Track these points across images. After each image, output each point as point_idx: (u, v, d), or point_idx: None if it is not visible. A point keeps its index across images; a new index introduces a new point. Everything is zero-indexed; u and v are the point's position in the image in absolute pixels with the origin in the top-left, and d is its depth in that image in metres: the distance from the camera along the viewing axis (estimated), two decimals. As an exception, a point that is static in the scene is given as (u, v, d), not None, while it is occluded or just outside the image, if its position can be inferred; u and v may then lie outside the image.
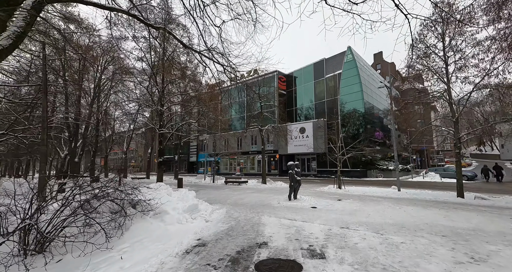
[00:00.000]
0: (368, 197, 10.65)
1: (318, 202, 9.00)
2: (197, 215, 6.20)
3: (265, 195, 11.80)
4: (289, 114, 35.88)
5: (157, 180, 15.98)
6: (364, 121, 28.28)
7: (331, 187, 14.17)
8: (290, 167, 9.71)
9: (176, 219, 5.52)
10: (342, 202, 9.13)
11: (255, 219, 6.38)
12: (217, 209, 7.57)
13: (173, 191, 7.71)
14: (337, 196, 11.19)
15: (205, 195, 11.78)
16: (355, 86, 28.99)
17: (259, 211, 7.45)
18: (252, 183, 17.91)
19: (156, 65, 16.88)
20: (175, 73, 16.31)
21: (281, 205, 8.62)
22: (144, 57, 16.10)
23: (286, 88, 37.56)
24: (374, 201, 9.43)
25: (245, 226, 5.62)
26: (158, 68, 16.53)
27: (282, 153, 32.34)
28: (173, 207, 5.98)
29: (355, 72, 29.56)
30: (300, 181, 10.03)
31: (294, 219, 6.28)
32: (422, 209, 7.67)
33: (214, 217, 6.45)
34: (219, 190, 14.51)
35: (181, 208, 5.98)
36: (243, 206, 8.46)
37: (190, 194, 7.15)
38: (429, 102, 12.90)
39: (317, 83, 33.94)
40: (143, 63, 16.78)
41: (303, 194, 11.19)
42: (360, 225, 5.64)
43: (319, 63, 33.98)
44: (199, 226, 5.47)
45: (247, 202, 9.54)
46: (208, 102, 16.99)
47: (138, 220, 5.34)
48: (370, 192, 12.42)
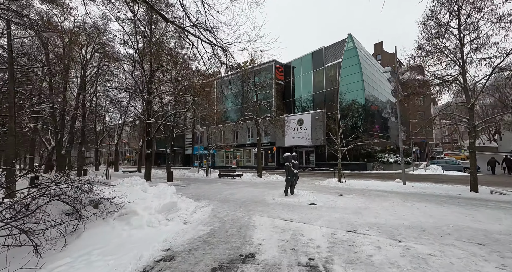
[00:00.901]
0: (372, 192, 9.71)
1: (317, 198, 8.03)
2: (175, 216, 5.19)
3: (259, 189, 10.83)
4: (287, 105, 34.72)
5: (145, 174, 14.93)
6: (364, 112, 27.25)
7: (331, 180, 13.24)
8: (287, 159, 8.69)
9: (146, 221, 4.50)
10: (345, 198, 8.18)
11: (244, 219, 5.38)
12: (202, 207, 6.57)
13: (149, 186, 6.66)
14: (338, 190, 10.25)
15: (193, 190, 10.78)
16: (356, 76, 27.80)
17: (251, 209, 6.46)
18: (247, 176, 16.95)
19: (143, 50, 15.56)
20: (163, 58, 15.00)
21: (276, 202, 7.65)
22: (129, 40, 14.73)
23: (284, 78, 36.26)
24: (380, 197, 8.49)
25: (230, 229, 4.62)
26: (144, 53, 15.22)
27: (280, 145, 31.37)
28: (145, 206, 4.95)
29: (355, 60, 28.30)
30: (298, 175, 9.04)
31: (290, 220, 5.29)
32: (437, 206, 6.72)
33: (196, 217, 5.44)
34: (211, 184, 13.53)
35: (155, 208, 4.95)
36: (233, 203, 7.47)
37: (169, 190, 6.12)
38: (433, 93, 11.82)
39: (316, 73, 32.68)
40: (129, 48, 15.41)
41: (301, 189, 10.23)
42: (370, 227, 4.66)
43: (318, 52, 32.63)
44: (174, 230, 4.46)
45: (239, 198, 8.56)
46: (199, 90, 15.78)
47: (98, 223, 4.31)
48: (373, 186, 11.50)
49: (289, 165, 8.58)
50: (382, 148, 30.01)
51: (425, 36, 10.44)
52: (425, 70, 11.16)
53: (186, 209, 5.68)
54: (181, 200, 6.12)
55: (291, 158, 8.73)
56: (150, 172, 15.01)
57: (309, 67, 33.36)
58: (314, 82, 32.78)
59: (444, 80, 9.88)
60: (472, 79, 9.63)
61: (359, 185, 11.86)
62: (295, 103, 34.73)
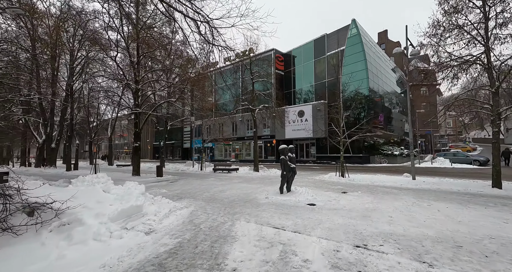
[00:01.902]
0: (379, 189, 8.63)
1: (317, 197, 6.97)
2: (138, 223, 4.14)
3: (253, 185, 9.79)
4: (287, 96, 33.39)
5: (133, 168, 13.94)
6: (368, 103, 25.93)
7: (333, 175, 12.17)
8: (282, 152, 7.59)
9: (93, 233, 3.45)
10: (349, 196, 7.11)
11: (225, 226, 4.33)
12: (180, 209, 5.53)
13: (114, 186, 5.58)
14: (341, 186, 9.18)
15: (180, 186, 9.77)
16: (360, 64, 26.33)
17: (237, 212, 5.41)
18: (244, 171, 15.94)
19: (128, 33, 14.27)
20: (151, 42, 13.71)
21: (269, 201, 6.59)
22: (113, 23, 13.40)
23: (284, 68, 34.75)
24: (389, 194, 7.41)
25: (202, 243, 3.56)
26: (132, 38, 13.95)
27: (279, 138, 30.24)
28: (97, 212, 3.89)
29: (359, 48, 26.77)
30: (295, 169, 7.96)
31: (282, 227, 4.23)
32: (461, 207, 5.63)
33: (166, 224, 4.39)
34: (202, 179, 12.52)
35: (109, 214, 3.89)
36: (220, 203, 6.43)
37: (137, 189, 5.06)
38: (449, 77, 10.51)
39: (317, 62, 31.17)
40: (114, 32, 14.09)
41: (299, 185, 9.18)
42: (384, 239, 3.59)
43: (320, 40, 31.02)
44: (128, 245, 3.41)
45: (228, 196, 7.52)
46: (193, 79, 14.56)
47: (25, 237, 3.26)
48: (379, 181, 10.42)
49: (285, 159, 7.49)
50: (385, 141, 28.85)
51: (442, 11, 9.14)
52: (439, 52, 9.87)
53: (156, 214, 4.63)
54: (150, 203, 5.05)
55: (287, 151, 7.63)
56: (139, 166, 13.99)
57: (311, 56, 31.82)
58: (315, 72, 31.32)
59: (463, 61, 8.61)
60: (496, 59, 8.38)
61: (363, 180, 10.79)
62: (296, 94, 33.38)
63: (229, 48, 8.76)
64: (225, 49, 8.90)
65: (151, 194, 7.94)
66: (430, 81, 12.19)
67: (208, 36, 8.30)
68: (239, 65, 17.78)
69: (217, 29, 7.93)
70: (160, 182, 11.39)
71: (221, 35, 8.30)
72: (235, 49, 8.95)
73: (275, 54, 33.57)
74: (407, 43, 11.42)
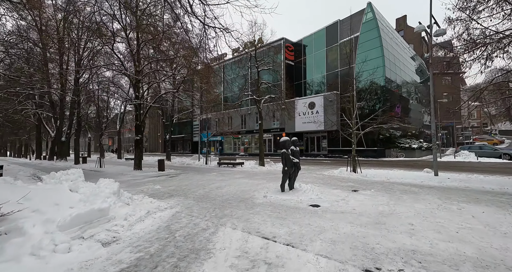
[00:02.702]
0: (396, 186, 7.58)
1: (323, 196, 6.07)
2: (101, 230, 3.46)
3: (255, 181, 9.02)
4: (297, 87, 32.07)
5: (134, 162, 13.55)
6: (384, 93, 24.24)
7: (344, 170, 11.14)
8: (284, 145, 6.69)
9: (32, 246, 2.79)
10: (360, 196, 6.15)
11: (205, 235, 3.58)
12: (162, 210, 4.84)
13: (85, 184, 4.94)
14: (352, 183, 8.20)
15: (177, 182, 9.15)
16: (376, 51, 24.53)
17: (226, 214, 4.65)
18: (249, 165, 15.18)
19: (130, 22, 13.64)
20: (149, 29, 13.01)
21: (267, 201, 5.78)
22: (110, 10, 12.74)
23: (294, 58, 33.30)
24: (408, 193, 6.38)
25: (167, 259, 2.82)
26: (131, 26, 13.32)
27: (289, 131, 29.18)
28: (47, 218, 3.24)
29: (375, 33, 24.90)
30: (299, 164, 7.06)
31: (273, 238, 3.41)
32: (503, 212, 4.55)
33: (136, 230, 3.69)
34: (204, 174, 11.89)
35: (60, 221, 3.22)
36: (211, 202, 5.70)
37: (108, 188, 4.38)
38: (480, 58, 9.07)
39: (329, 51, 29.52)
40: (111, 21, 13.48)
41: (305, 181, 8.31)
42: (405, 261, 2.68)
43: (333, 27, 29.26)
44: (72, 262, 2.72)
45: (223, 193, 6.78)
46: (193, 68, 13.79)
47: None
48: (396, 177, 9.32)
49: (286, 153, 6.59)
50: (403, 133, 27.08)
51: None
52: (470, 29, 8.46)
53: (127, 218, 3.93)
54: (124, 204, 4.35)
55: (289, 144, 6.72)
56: (140, 160, 13.59)
57: (322, 44, 30.16)
58: (327, 61, 29.73)
59: (502, 37, 7.23)
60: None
61: (378, 175, 9.72)
62: (306, 84, 31.97)
63: (226, 29, 7.89)
64: (223, 32, 8.03)
65: (144, 190, 7.41)
66: (454, 69, 10.71)
67: (206, 20, 7.48)
68: (245, 54, 16.80)
69: (210, 6, 7.07)
70: (159, 177, 10.88)
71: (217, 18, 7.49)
72: (232, 31, 8.02)
73: (285, 43, 32.16)
74: (431, 21, 9.99)
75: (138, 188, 7.83)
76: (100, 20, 12.42)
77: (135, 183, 9.20)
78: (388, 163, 17.47)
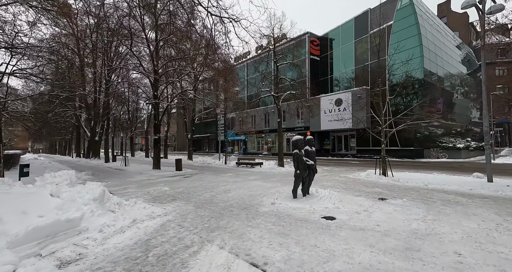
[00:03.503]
0: (437, 194, 6.26)
1: (341, 205, 5.12)
2: (66, 245, 3.03)
3: (268, 184, 8.26)
4: (323, 83, 30.46)
5: (153, 162, 13.64)
6: (423, 86, 21.67)
7: (372, 172, 9.81)
8: (296, 145, 5.84)
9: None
10: (388, 206, 5.07)
11: (183, 256, 2.95)
12: (152, 219, 4.35)
13: (69, 187, 4.59)
14: (380, 189, 7.02)
15: (188, 183, 8.78)
16: (412, 40, 22.06)
17: (220, 226, 4.00)
18: (269, 165, 14.42)
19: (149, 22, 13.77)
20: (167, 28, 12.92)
21: (273, 209, 5.01)
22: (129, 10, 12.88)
23: (320, 53, 31.64)
24: (453, 205, 5.11)
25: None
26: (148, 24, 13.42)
27: (314, 129, 27.79)
28: (1, 230, 2.87)
29: (412, 20, 22.40)
30: (315, 167, 6.16)
31: (263, 266, 2.66)
32: None
33: (109, 245, 3.20)
34: (218, 174, 11.44)
35: (13, 235, 2.83)
36: (210, 210, 5.10)
37: (90, 193, 3.96)
38: None
39: (358, 43, 27.42)
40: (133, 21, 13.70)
41: (324, 185, 7.35)
42: None
43: (362, 17, 27.11)
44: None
45: (229, 198, 6.16)
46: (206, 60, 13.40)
47: None
48: (436, 182, 7.84)
49: (299, 154, 5.74)
50: (445, 131, 24.06)
51: None
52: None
53: (102, 229, 3.46)
54: (106, 211, 3.92)
55: (302, 143, 5.85)
56: (159, 159, 13.62)
57: (351, 36, 28.13)
58: (356, 54, 27.66)
59: None
60: None
61: (413, 180, 8.31)
62: (333, 80, 30.14)
63: (232, 17, 7.27)
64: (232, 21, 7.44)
65: (150, 192, 7.10)
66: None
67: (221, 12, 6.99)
68: (267, 51, 15.95)
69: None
70: (173, 177, 10.67)
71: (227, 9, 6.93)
72: (240, 20, 7.35)
73: (310, 38, 30.68)
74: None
75: (146, 190, 7.57)
76: (128, 24, 12.61)
77: (147, 183, 9.03)
78: (427, 165, 15.40)
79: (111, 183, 9.32)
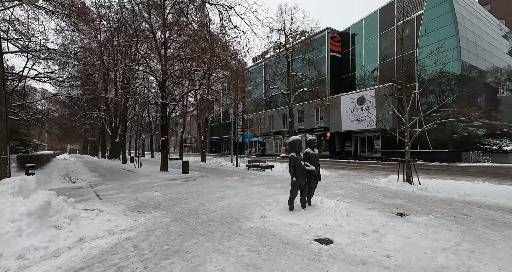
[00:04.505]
0: (477, 210, 4.90)
1: (346, 221, 4.09)
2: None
3: (270, 191, 7.38)
4: (345, 81, 28.71)
5: (160, 164, 13.39)
6: (460, 80, 19.19)
7: (394, 179, 8.44)
8: (293, 147, 4.90)
9: None
10: (407, 227, 3.92)
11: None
12: (111, 234, 3.73)
13: (11, 197, 3.93)
14: (401, 201, 5.78)
15: (185, 188, 8.20)
16: (448, 29, 19.66)
17: (182, 249, 3.24)
18: (280, 168, 13.46)
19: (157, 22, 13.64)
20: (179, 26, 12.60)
21: (259, 226, 4.13)
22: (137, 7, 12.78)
23: (341, 50, 29.88)
24: (499, 227, 3.82)
25: None
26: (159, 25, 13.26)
27: (335, 130, 26.16)
28: None
29: (447, 7, 20.03)
30: (318, 173, 5.18)
31: None
32: None
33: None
34: (223, 178, 10.76)
35: None
36: (185, 223, 4.36)
37: (27, 205, 3.28)
38: None
39: (383, 37, 25.30)
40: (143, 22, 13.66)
41: (334, 193, 6.30)
42: None
43: (387, 8, 24.99)
44: None
45: (216, 209, 5.39)
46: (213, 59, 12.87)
47: None
48: (476, 193, 6.35)
49: (295, 158, 4.80)
50: (488, 131, 21.12)
51: None
52: None
53: (24, 255, 2.76)
54: (41, 229, 3.27)
55: (299, 145, 4.90)
56: (166, 161, 13.35)
57: (375, 29, 26.09)
58: (380, 49, 25.57)
59: None
60: None
61: (445, 189, 6.87)
62: (355, 78, 28.20)
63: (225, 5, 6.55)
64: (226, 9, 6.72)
65: (138, 198, 6.55)
66: None
67: None
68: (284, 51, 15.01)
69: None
70: (175, 181, 10.21)
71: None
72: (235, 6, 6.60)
73: (330, 34, 29.10)
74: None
75: (137, 195, 7.10)
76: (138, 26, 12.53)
77: (145, 187, 8.61)
78: (465, 170, 13.33)
79: (110, 186, 9.07)
